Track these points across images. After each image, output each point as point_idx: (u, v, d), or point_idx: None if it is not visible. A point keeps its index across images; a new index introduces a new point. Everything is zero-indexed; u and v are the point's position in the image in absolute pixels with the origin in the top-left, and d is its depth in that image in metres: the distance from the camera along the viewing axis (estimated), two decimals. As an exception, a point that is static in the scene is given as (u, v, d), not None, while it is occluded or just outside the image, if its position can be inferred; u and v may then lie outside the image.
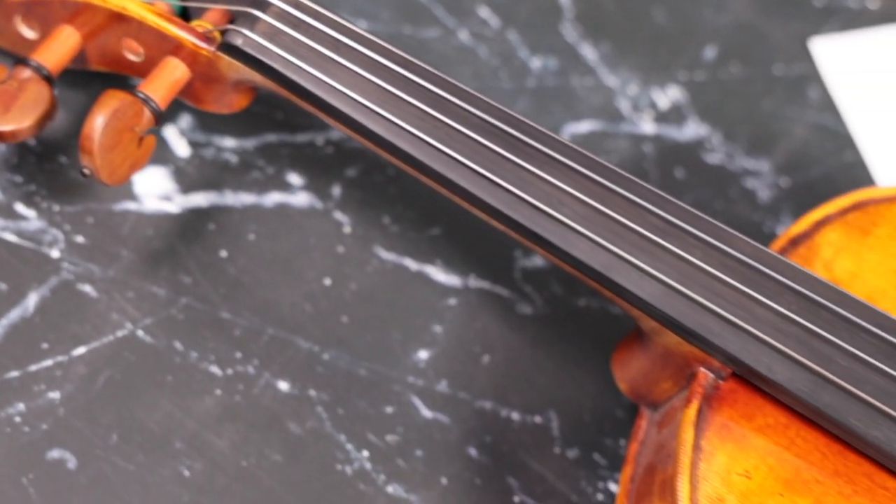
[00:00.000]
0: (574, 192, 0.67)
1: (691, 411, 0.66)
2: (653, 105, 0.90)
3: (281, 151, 0.82)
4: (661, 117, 0.90)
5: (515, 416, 0.77)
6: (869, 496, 0.65)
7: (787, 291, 0.67)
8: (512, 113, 0.69)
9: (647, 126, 0.89)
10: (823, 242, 0.73)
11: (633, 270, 0.67)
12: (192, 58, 0.71)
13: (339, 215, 0.80)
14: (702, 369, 0.67)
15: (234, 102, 0.74)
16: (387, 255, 0.80)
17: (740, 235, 0.69)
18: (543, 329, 0.80)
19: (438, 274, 0.80)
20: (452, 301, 0.79)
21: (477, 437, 0.75)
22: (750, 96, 0.92)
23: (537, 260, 0.82)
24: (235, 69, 0.71)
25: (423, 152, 0.68)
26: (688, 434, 0.66)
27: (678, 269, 0.67)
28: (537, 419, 0.77)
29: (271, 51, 0.70)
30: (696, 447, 0.65)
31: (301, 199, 0.80)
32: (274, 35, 0.70)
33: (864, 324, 0.67)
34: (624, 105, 0.90)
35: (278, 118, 0.83)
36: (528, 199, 0.67)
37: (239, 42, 0.70)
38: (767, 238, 0.86)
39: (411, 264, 0.80)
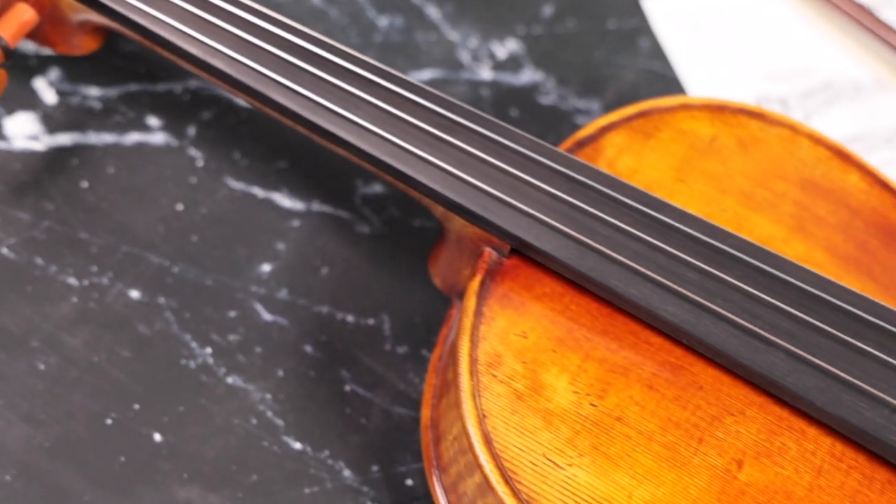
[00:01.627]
0: (368, 98, 0.77)
1: (475, 283, 0.75)
2: (491, 56, 0.99)
3: (142, 99, 0.91)
4: (499, 66, 0.99)
5: (350, 318, 0.85)
6: (634, 350, 0.74)
7: (558, 175, 0.76)
8: (320, 37, 0.79)
9: (486, 73, 0.98)
10: (608, 144, 0.82)
11: (418, 161, 0.75)
12: (38, 2, 0.81)
13: (193, 151, 0.89)
14: (486, 248, 0.76)
15: (84, 44, 0.84)
16: (236, 185, 0.89)
17: (524, 134, 0.78)
18: (380, 246, 0.88)
19: (284, 200, 0.89)
20: (296, 223, 0.88)
21: (313, 336, 0.84)
22: (584, 47, 1.01)
23: (377, 187, 0.91)
24: (75, 9, 0.81)
25: (242, 72, 0.78)
26: (471, 302, 0.74)
27: (458, 158, 0.76)
28: (370, 321, 0.85)
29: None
30: (478, 313, 0.74)
31: (158, 138, 0.90)
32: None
33: (625, 200, 0.75)
34: (464, 56, 0.99)
35: (140, 71, 0.92)
36: (326, 104, 0.76)
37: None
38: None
39: (259, 192, 0.89)
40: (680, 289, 0.73)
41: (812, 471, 0.72)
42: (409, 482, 0.80)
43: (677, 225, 0.75)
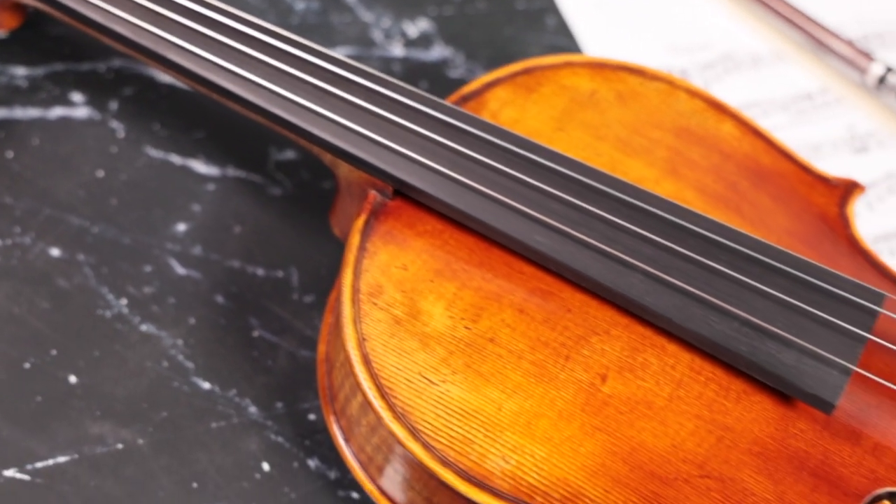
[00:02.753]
0: (259, 55, 0.83)
1: (360, 222, 0.80)
2: (403, 34, 1.05)
3: (67, 77, 0.97)
4: (410, 44, 1.05)
5: (260, 271, 0.91)
6: (507, 279, 0.79)
7: (437, 122, 0.82)
8: (216, 3, 0.85)
9: (397, 51, 1.04)
10: (492, 98, 0.88)
11: (304, 111, 0.81)
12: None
13: (114, 124, 0.95)
14: (371, 191, 0.82)
15: (4, 22, 0.90)
16: (155, 153, 0.95)
17: (408, 86, 0.83)
18: (291, 206, 0.94)
19: (200, 166, 0.95)
20: (211, 187, 0.94)
21: (224, 288, 0.89)
22: (492, 26, 1.07)
23: (289, 153, 0.97)
24: (-8, -16, 0.87)
25: (141, 35, 0.84)
26: (355, 239, 0.80)
27: (342, 108, 0.81)
28: (279, 273, 0.91)
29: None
30: (362, 248, 0.79)
31: (82, 112, 0.96)
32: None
33: (499, 142, 0.81)
34: (377, 35, 1.05)
35: (66, 51, 0.98)
36: (219, 62, 0.83)
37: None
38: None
39: (176, 159, 0.95)
40: (547, 219, 0.78)
41: (672, 383, 0.77)
42: (312, 417, 0.85)
43: (547, 163, 0.80)
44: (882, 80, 1.05)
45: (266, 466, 0.83)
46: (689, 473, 0.74)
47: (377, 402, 0.75)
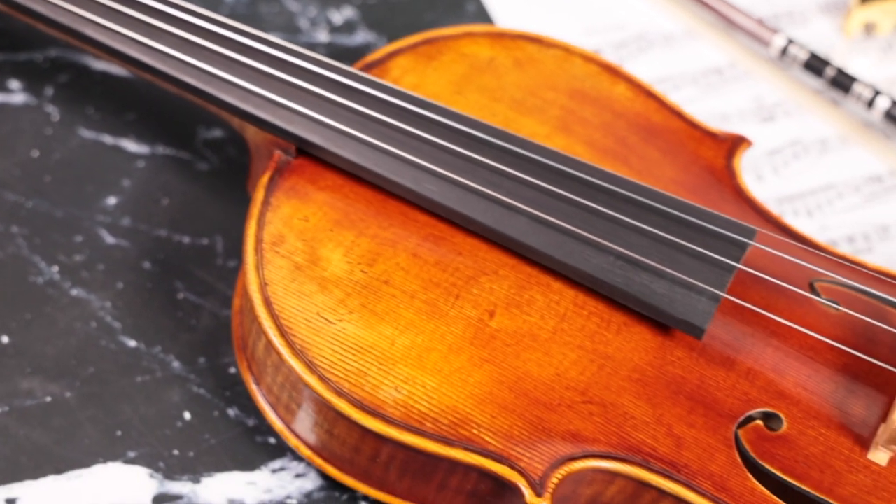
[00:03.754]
0: (169, 28, 0.89)
1: (265, 178, 0.86)
2: (328, 21, 1.11)
3: (4, 67, 1.03)
4: (335, 30, 1.11)
5: (186, 239, 0.96)
6: (402, 226, 0.84)
7: (335, 83, 0.87)
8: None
9: (322, 37, 1.10)
10: (394, 66, 0.93)
11: (212, 78, 0.87)
12: None
13: (50, 108, 1.01)
14: (276, 151, 0.87)
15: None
16: (88, 134, 1.01)
17: (309, 53, 0.89)
18: (217, 180, 1.00)
19: (131, 145, 1.01)
20: (141, 163, 1.00)
21: (152, 255, 0.95)
22: (414, 12, 1.13)
23: (217, 132, 1.02)
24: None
25: (91, 29, 0.89)
26: (260, 194, 0.85)
27: (247, 74, 0.87)
28: (204, 241, 0.96)
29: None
30: (265, 202, 0.85)
31: (18, 98, 1.02)
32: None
33: (393, 100, 0.86)
34: (303, 23, 1.11)
35: (4, 43, 1.04)
36: (134, 36, 0.88)
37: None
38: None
39: (108, 139, 1.01)
40: (436, 168, 0.84)
41: (556, 317, 0.82)
42: (232, 370, 0.90)
43: (438, 118, 0.86)
44: (784, 52, 1.10)
45: (187, 415, 0.88)
46: (572, 399, 0.79)
47: (277, 341, 0.80)
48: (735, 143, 0.93)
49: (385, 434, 0.78)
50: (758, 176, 1.07)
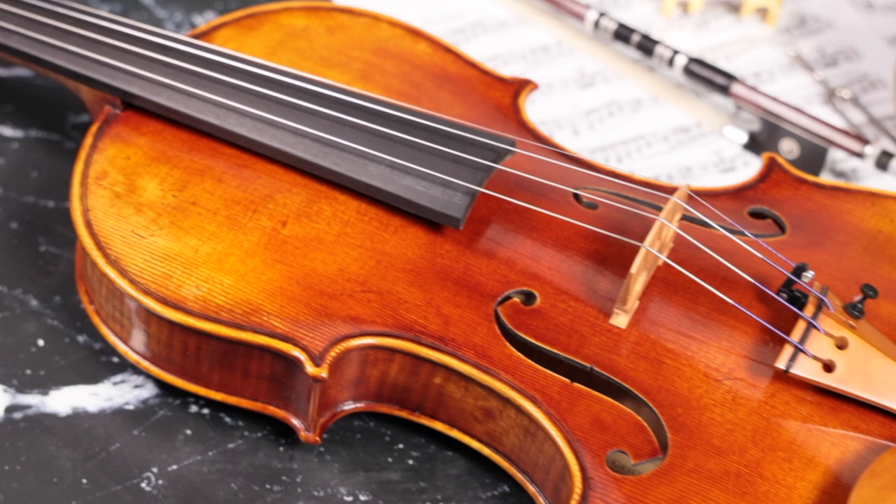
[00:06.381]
0: (12, 10, 1.03)
1: (94, 128, 0.99)
2: (192, 25, 1.25)
3: None
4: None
5: (51, 203, 1.09)
6: (210, 159, 0.97)
7: (155, 44, 1.01)
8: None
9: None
10: (217, 37, 1.07)
11: (47, 47, 1.01)
12: None
13: (-64, 104, 1.16)
14: (107, 106, 1.01)
15: None
16: (-32, 123, 1.15)
17: (132, 21, 1.02)
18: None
19: (6, 130, 1.14)
20: (15, 145, 1.13)
21: (19, 217, 1.08)
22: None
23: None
24: None
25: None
26: (88, 140, 0.98)
27: (76, 41, 1.01)
28: (66, 204, 1.09)
29: None
30: (93, 147, 0.98)
31: None
32: None
33: (202, 54, 1.00)
34: (170, 27, 1.25)
35: None
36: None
37: None
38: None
39: (-14, 127, 1.15)
40: (235, 104, 0.97)
41: (341, 223, 0.94)
42: (83, 306, 1.03)
43: (239, 65, 0.99)
44: (597, 24, 1.23)
45: (41, 342, 1.00)
46: (353, 289, 0.91)
47: (95, 253, 0.92)
48: (521, 85, 1.06)
49: (186, 324, 0.90)
50: (574, 132, 1.20)
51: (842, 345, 0.87)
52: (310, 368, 0.88)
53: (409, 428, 0.97)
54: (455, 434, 0.93)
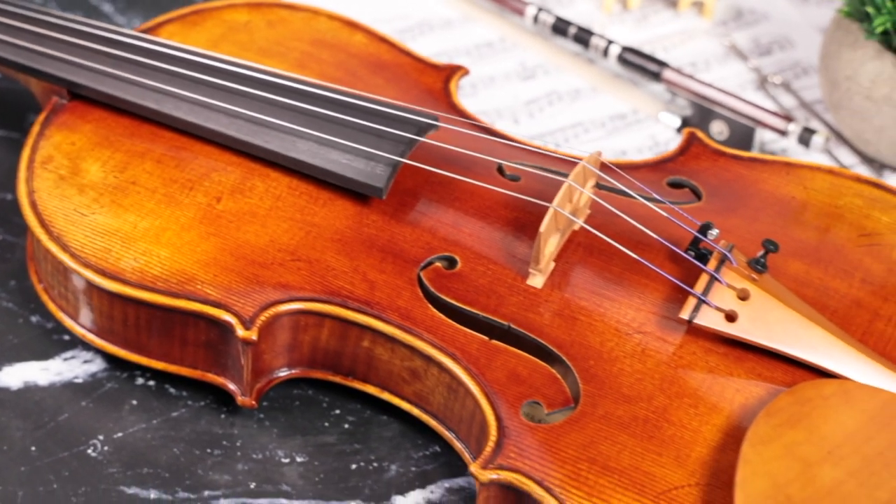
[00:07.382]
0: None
1: (41, 117, 1.04)
2: (149, 30, 1.31)
3: None
4: (154, 36, 1.30)
5: (9, 196, 1.14)
6: (151, 142, 1.02)
7: (99, 37, 1.06)
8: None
9: (143, 41, 1.30)
10: (162, 32, 1.12)
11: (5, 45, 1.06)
12: None
13: None
14: (54, 97, 1.06)
15: None
16: (-68, 124, 1.20)
17: (82, 18, 1.08)
18: (39, 152, 1.18)
19: (-32, 130, 1.20)
20: (-24, 144, 1.19)
21: (-23, 209, 1.13)
22: None
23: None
24: None
25: None
26: (35, 129, 1.04)
27: (28, 38, 1.06)
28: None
29: None
30: (40, 134, 1.03)
31: None
32: None
33: (141, 44, 1.05)
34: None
35: None
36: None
37: None
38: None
39: (-51, 127, 1.20)
40: (172, 89, 1.02)
41: (273, 198, 0.99)
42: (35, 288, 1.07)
43: (175, 54, 1.04)
44: (536, 19, 1.28)
45: (-4, 323, 1.06)
46: (283, 259, 0.96)
47: (38, 230, 0.97)
48: (453, 71, 1.11)
49: (125, 293, 0.95)
50: (514, 120, 1.25)
51: (744, 296, 0.91)
52: (240, 332, 0.93)
53: (345, 394, 1.02)
54: (386, 396, 0.98)
